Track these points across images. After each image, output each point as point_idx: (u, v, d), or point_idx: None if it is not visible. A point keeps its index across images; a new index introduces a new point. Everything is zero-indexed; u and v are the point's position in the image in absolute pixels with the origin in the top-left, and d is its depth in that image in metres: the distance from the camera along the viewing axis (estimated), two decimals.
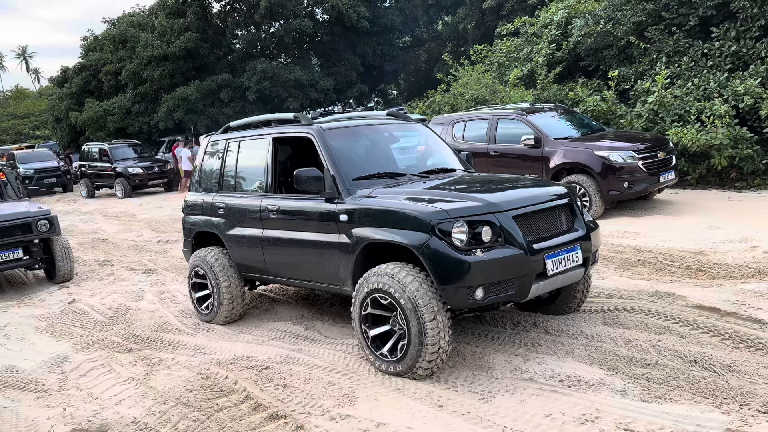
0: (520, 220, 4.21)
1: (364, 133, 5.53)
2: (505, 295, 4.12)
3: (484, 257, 3.99)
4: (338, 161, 4.89)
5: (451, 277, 3.99)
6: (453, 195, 4.48)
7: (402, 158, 5.47)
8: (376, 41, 27.12)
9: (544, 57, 14.60)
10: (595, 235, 4.71)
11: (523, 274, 4.10)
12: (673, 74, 11.86)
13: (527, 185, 4.88)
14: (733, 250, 6.64)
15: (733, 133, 10.20)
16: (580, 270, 4.50)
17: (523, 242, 4.11)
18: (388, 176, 5.01)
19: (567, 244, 4.39)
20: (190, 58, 25.17)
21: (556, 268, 4.27)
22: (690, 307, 4.99)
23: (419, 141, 5.83)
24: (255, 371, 4.62)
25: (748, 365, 3.99)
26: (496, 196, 4.38)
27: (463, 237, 4.01)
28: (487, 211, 4.14)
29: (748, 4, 11.15)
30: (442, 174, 5.32)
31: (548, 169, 9.72)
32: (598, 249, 4.81)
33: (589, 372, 4.07)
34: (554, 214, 4.52)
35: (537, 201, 4.43)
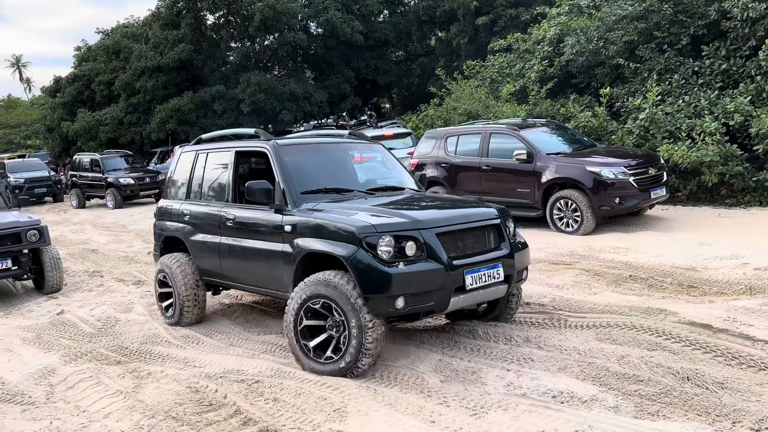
0: (443, 237, 4.53)
1: (318, 151, 5.94)
2: (425, 306, 4.44)
3: (405, 270, 4.32)
4: (288, 175, 5.25)
5: (373, 287, 4.31)
6: (386, 211, 4.78)
7: (354, 175, 5.83)
8: (370, 55, 27.28)
9: (537, 73, 14.74)
10: (521, 254, 5.01)
11: (442, 287, 4.41)
12: (664, 91, 11.99)
13: (459, 206, 5.24)
14: (724, 266, 6.67)
15: (724, 151, 10.30)
16: (502, 286, 4.80)
17: (444, 258, 4.43)
18: (335, 191, 5.37)
19: (488, 262, 4.70)
20: (184, 70, 25.20)
21: (476, 284, 4.58)
22: (682, 324, 4.99)
23: (377, 159, 6.21)
24: (245, 385, 4.57)
25: (740, 382, 3.99)
26: (424, 214, 4.79)
27: (388, 250, 4.35)
28: (412, 228, 4.48)
29: (738, 24, 11.31)
30: (390, 192, 5.67)
31: (540, 183, 9.77)
32: (526, 267, 5.17)
33: (582, 388, 4.05)
34: (480, 233, 4.82)
35: (462, 221, 4.76)
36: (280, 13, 22.91)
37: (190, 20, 24.96)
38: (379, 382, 4.45)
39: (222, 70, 26.12)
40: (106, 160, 20.63)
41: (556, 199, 9.56)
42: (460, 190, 11.16)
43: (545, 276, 7.04)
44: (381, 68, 27.77)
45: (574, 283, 6.67)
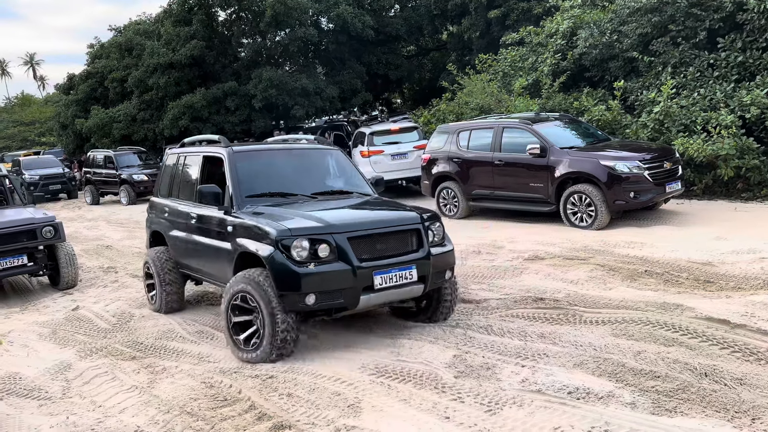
0: (356, 241, 4.89)
1: (271, 157, 6.36)
2: (335, 303, 4.86)
3: (314, 270, 4.72)
4: (237, 180, 5.70)
5: (286, 285, 4.74)
6: (308, 216, 5.12)
7: (303, 180, 6.13)
8: (381, 50, 27.17)
9: (549, 67, 14.59)
10: (439, 257, 5.25)
11: (350, 286, 4.79)
12: (678, 84, 11.83)
13: (382, 211, 5.57)
14: (741, 261, 6.58)
15: (740, 144, 10.16)
16: (417, 286, 5.10)
17: (354, 260, 4.79)
18: (280, 196, 5.77)
19: (402, 264, 5.00)
20: (196, 66, 25.25)
21: (385, 283, 4.90)
22: (699, 319, 4.94)
23: (330, 165, 6.56)
24: (259, 380, 4.58)
25: (759, 378, 3.94)
26: (341, 219, 5.14)
27: (302, 252, 4.74)
28: (326, 232, 4.85)
29: (755, 16, 11.13)
30: (335, 196, 6.04)
31: (554, 178, 9.69)
32: (447, 269, 5.39)
33: (599, 384, 4.02)
34: (398, 237, 5.13)
35: (378, 226, 5.09)
36: (290, 8, 22.87)
37: (202, 17, 24.99)
38: (393, 377, 4.44)
39: (234, 66, 26.15)
40: (120, 156, 20.78)
41: (570, 194, 9.49)
42: (472, 185, 11.12)
43: (559, 271, 6.99)
44: (392, 63, 27.66)
45: (589, 278, 6.61)
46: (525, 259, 7.69)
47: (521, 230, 9.65)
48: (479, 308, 6.06)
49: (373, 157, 14.91)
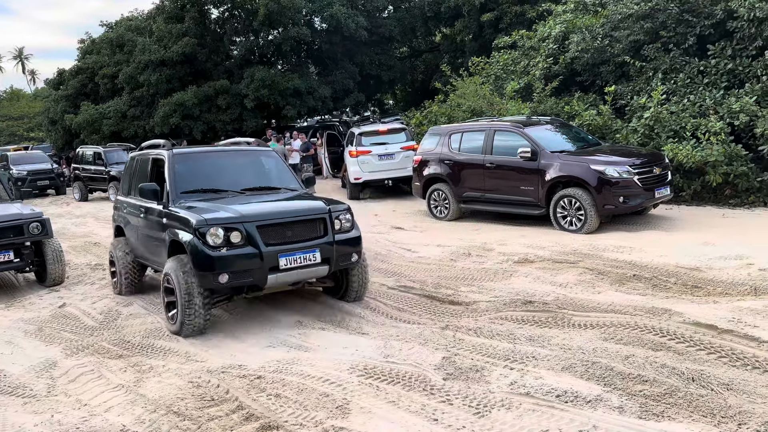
0: (264, 229, 5.65)
1: (207, 158, 7.21)
2: (245, 282, 5.65)
3: (226, 253, 5.48)
4: (174, 178, 6.51)
5: (201, 266, 5.53)
6: (229, 208, 5.85)
7: (236, 178, 6.86)
8: (374, 51, 27.18)
9: (541, 70, 14.66)
10: (344, 242, 6.01)
11: (258, 267, 5.56)
12: (669, 90, 11.92)
13: (292, 203, 6.37)
14: (728, 267, 6.63)
15: (728, 150, 10.25)
16: (321, 267, 5.87)
17: (260, 244, 5.56)
18: (212, 191, 6.54)
19: (306, 248, 5.76)
20: (188, 64, 25.13)
21: (290, 264, 5.66)
22: (687, 324, 4.96)
23: (264, 165, 7.30)
24: (247, 380, 4.55)
25: (746, 384, 3.97)
26: (252, 210, 5.88)
27: (216, 238, 5.49)
28: (238, 221, 5.62)
29: (744, 24, 11.23)
30: (265, 191, 6.80)
31: (544, 181, 9.73)
32: (353, 252, 6.11)
33: (587, 387, 4.03)
34: (306, 224, 5.90)
35: (285, 215, 5.89)
36: (284, 7, 22.82)
37: (195, 14, 24.87)
38: (382, 379, 4.44)
39: (226, 65, 26.05)
40: (109, 153, 20.58)
41: (560, 198, 9.52)
42: (463, 187, 11.14)
43: (549, 274, 7.01)
44: (385, 64, 27.69)
45: (578, 281, 6.64)
46: (515, 261, 7.71)
47: (511, 233, 9.67)
48: (469, 310, 6.07)
49: (360, 156, 15.02)
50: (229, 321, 6.32)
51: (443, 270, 7.73)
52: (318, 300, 6.76)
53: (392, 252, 8.95)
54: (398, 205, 14.02)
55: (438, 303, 6.40)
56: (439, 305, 6.34)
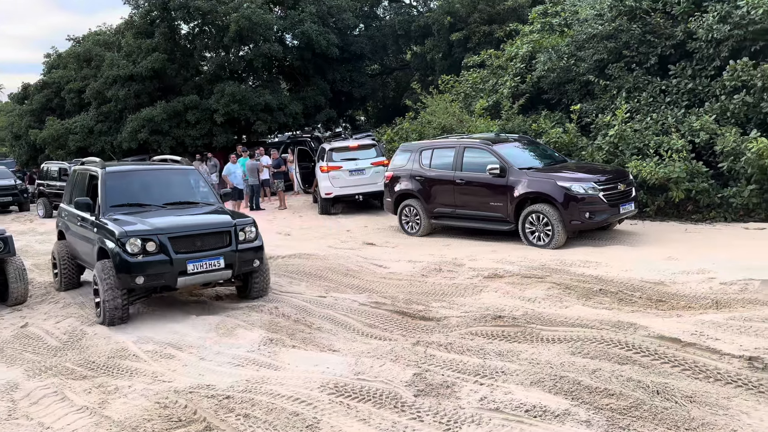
0: (175, 239, 6.70)
1: (138, 175, 8.17)
2: (159, 283, 6.77)
3: (142, 260, 6.57)
4: (105, 193, 7.54)
5: (121, 270, 6.60)
6: (147, 221, 6.88)
7: (160, 193, 7.85)
8: (346, 68, 27.33)
9: (509, 89, 14.95)
10: (246, 250, 7.08)
11: (169, 271, 6.65)
12: (632, 109, 12.25)
13: (204, 216, 7.44)
14: (691, 281, 6.80)
15: (690, 167, 10.57)
16: (225, 271, 6.97)
17: (171, 252, 6.64)
18: (138, 205, 7.57)
19: (210, 255, 6.83)
20: (157, 79, 24.88)
21: (197, 269, 6.76)
22: (651, 337, 5.07)
23: (185, 182, 8.29)
24: (215, 401, 4.49)
25: (708, 396, 4.06)
26: (167, 223, 6.90)
27: (134, 247, 6.55)
28: (153, 233, 6.67)
29: (703, 45, 11.65)
30: (185, 205, 7.82)
31: (513, 198, 9.88)
32: (255, 259, 7.19)
33: (555, 402, 4.08)
34: (213, 235, 6.96)
35: (194, 228, 6.95)
36: (255, 24, 22.82)
37: (164, 29, 24.69)
38: (353, 397, 4.42)
39: (196, 80, 25.86)
40: None
41: (528, 213, 9.67)
42: (434, 203, 11.24)
43: (518, 289, 7.09)
44: (356, 81, 27.85)
45: (546, 296, 6.73)
46: (485, 277, 7.78)
47: (482, 248, 9.77)
48: (440, 326, 6.10)
49: (331, 172, 15.09)
50: (196, 340, 6.23)
51: (414, 285, 7.76)
52: (289, 317, 6.72)
53: (364, 268, 8.95)
54: (370, 221, 14.05)
55: (409, 319, 6.42)
56: (410, 321, 6.36)
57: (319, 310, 6.90)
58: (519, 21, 20.17)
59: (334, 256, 9.83)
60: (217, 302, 7.66)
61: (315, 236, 12.46)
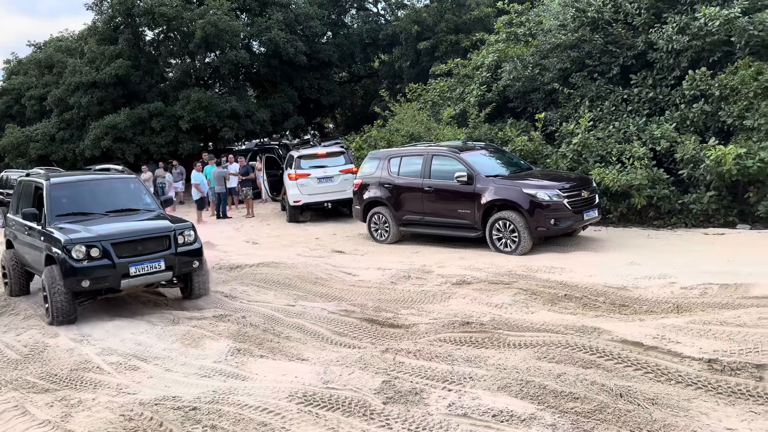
0: (117, 245, 7.18)
1: (81, 186, 8.48)
2: (103, 285, 7.20)
3: (86, 265, 7.01)
4: (50, 203, 7.87)
5: (67, 274, 7.03)
6: (91, 229, 7.33)
7: (103, 202, 8.21)
8: (314, 75, 27.31)
9: (476, 97, 15.13)
10: (184, 253, 7.56)
11: (112, 274, 7.11)
12: (595, 117, 12.53)
13: (144, 223, 7.86)
14: (653, 285, 6.97)
15: (651, 174, 10.84)
16: (166, 273, 7.46)
17: (114, 257, 7.11)
18: (82, 214, 7.89)
19: (151, 258, 7.31)
20: (121, 86, 24.46)
21: (139, 272, 7.23)
22: (615, 342, 5.18)
23: (126, 190, 8.70)
24: (181, 412, 4.43)
25: (669, 398, 4.17)
26: (109, 230, 7.37)
27: (79, 253, 6.98)
28: (96, 240, 7.12)
29: (664, 55, 11.99)
30: (126, 213, 8.20)
31: (480, 205, 9.99)
32: (194, 260, 7.68)
33: (521, 406, 4.13)
34: (153, 240, 7.44)
35: (135, 234, 7.40)
36: (221, 30, 22.65)
37: (128, 36, 24.30)
38: (321, 406, 4.41)
39: (161, 87, 25.52)
40: None
41: (495, 220, 9.79)
42: (403, 210, 11.29)
43: (485, 296, 7.17)
44: (324, 88, 27.85)
45: (513, 302, 6.82)
46: (453, 283, 7.85)
47: (450, 255, 9.85)
48: (409, 333, 6.12)
49: (300, 179, 15.03)
50: (162, 351, 6.13)
51: (384, 293, 7.78)
52: (257, 327, 6.67)
53: (333, 276, 8.94)
54: (338, 229, 14.03)
55: (378, 326, 6.44)
56: (379, 329, 6.37)
57: (288, 319, 6.86)
58: (485, 30, 20.47)
59: (303, 264, 9.79)
60: (183, 313, 7.55)
61: (283, 244, 12.38)
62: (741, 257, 8.00)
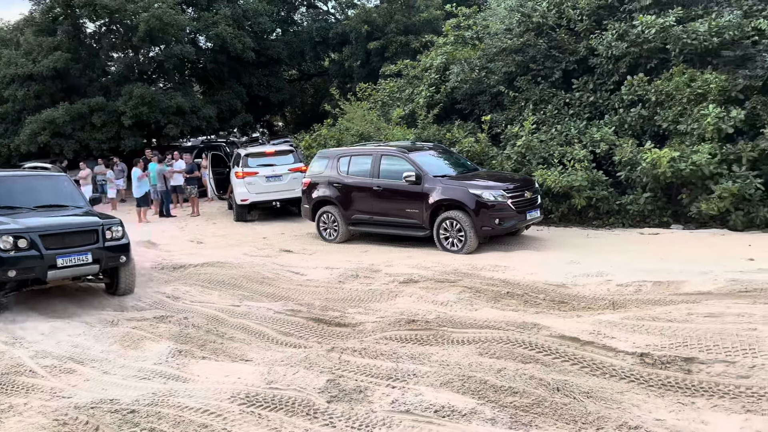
0: (45, 237, 7.26)
1: (10, 181, 8.52)
2: (30, 276, 7.23)
3: (14, 255, 7.04)
4: None
5: None
6: (20, 221, 7.39)
7: (31, 197, 8.30)
8: (262, 72, 26.97)
9: (424, 99, 15.29)
10: (112, 247, 7.71)
11: (39, 265, 7.18)
12: (539, 120, 12.86)
13: (72, 218, 7.95)
14: (590, 283, 7.21)
15: (591, 176, 11.22)
16: (93, 266, 7.56)
17: (41, 248, 7.18)
18: (9, 208, 7.90)
19: (79, 251, 7.43)
20: (59, 79, 23.51)
21: (66, 264, 7.31)
22: (553, 337, 5.34)
23: (54, 187, 8.80)
24: (119, 415, 4.31)
25: (604, 391, 4.33)
26: (37, 223, 7.45)
27: (6, 244, 7.03)
28: (24, 231, 7.20)
29: (603, 61, 12.41)
30: (55, 208, 8.29)
31: (428, 204, 10.11)
32: (121, 255, 7.80)
33: (463, 402, 4.21)
34: (82, 234, 7.59)
35: (62, 227, 7.55)
36: (166, 24, 22.07)
37: (68, 27, 23.38)
38: (264, 406, 4.37)
39: (102, 81, 24.66)
40: None
41: (443, 220, 9.93)
42: (352, 209, 11.30)
43: (431, 294, 7.26)
44: (273, 86, 27.54)
45: (458, 300, 6.93)
46: (400, 282, 7.91)
47: (398, 254, 9.92)
48: (355, 332, 6.14)
49: (247, 178, 14.83)
50: (100, 354, 5.94)
51: (331, 292, 7.78)
52: (200, 328, 6.55)
53: (280, 275, 8.86)
54: (287, 228, 13.92)
55: (325, 326, 6.43)
56: (326, 328, 6.36)
57: (232, 320, 6.77)
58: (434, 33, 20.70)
59: (249, 264, 9.67)
60: (122, 314, 7.34)
61: (229, 244, 12.19)
62: (674, 256, 8.37)
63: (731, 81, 10.76)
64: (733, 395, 4.18)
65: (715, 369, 4.53)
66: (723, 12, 11.55)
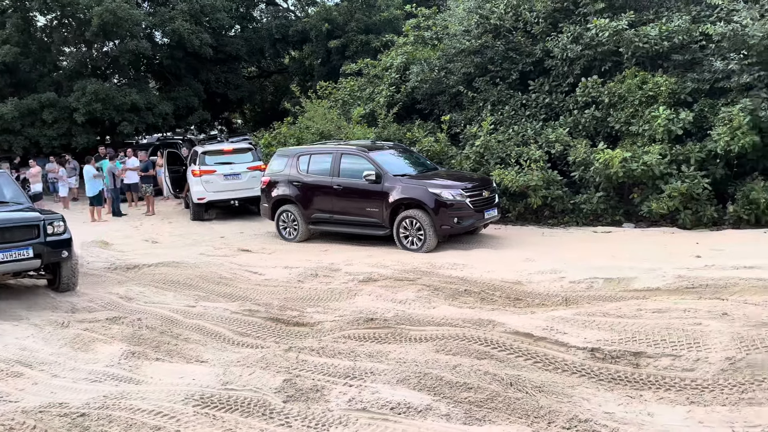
0: None
1: None
2: None
3: None
4: None
5: None
6: None
7: None
8: (220, 69, 26.57)
9: (385, 98, 15.33)
10: (53, 242, 7.67)
11: None
12: (496, 121, 13.05)
13: (12, 213, 7.93)
14: (545, 280, 7.37)
15: (546, 176, 11.46)
16: (35, 261, 7.53)
17: None
18: None
19: (20, 246, 7.40)
20: (8, 74, 22.68)
21: (6, 258, 7.28)
22: (507, 333, 5.44)
23: None
24: (68, 419, 4.20)
25: (555, 386, 4.44)
26: None
27: None
28: None
29: (559, 63, 12.67)
30: None
31: (388, 203, 10.15)
32: (63, 250, 7.75)
33: (418, 398, 4.25)
34: (21, 229, 7.55)
35: (2, 222, 7.43)
36: (121, 18, 21.49)
37: (17, 20, 22.54)
38: (219, 407, 4.33)
39: (53, 76, 23.88)
40: None
41: (403, 219, 9.98)
42: (312, 208, 11.25)
43: (390, 292, 7.29)
44: (232, 83, 27.16)
45: (416, 298, 6.98)
46: (360, 281, 7.93)
47: (358, 253, 9.93)
48: (313, 331, 6.13)
49: (204, 176, 14.61)
50: (49, 357, 5.77)
51: (290, 292, 7.73)
52: (154, 329, 6.43)
53: (238, 275, 8.77)
54: (246, 227, 13.76)
55: (283, 325, 6.40)
56: (284, 327, 6.33)
57: (188, 321, 6.67)
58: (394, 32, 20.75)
59: (206, 263, 9.53)
60: (73, 315, 7.15)
61: (186, 243, 11.98)
62: (625, 253, 8.62)
63: (680, 84, 11.14)
64: (678, 388, 4.34)
65: (661, 363, 4.69)
66: (673, 17, 11.94)
